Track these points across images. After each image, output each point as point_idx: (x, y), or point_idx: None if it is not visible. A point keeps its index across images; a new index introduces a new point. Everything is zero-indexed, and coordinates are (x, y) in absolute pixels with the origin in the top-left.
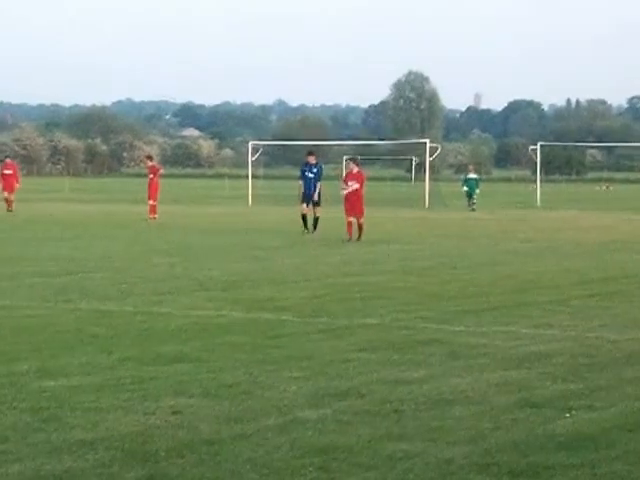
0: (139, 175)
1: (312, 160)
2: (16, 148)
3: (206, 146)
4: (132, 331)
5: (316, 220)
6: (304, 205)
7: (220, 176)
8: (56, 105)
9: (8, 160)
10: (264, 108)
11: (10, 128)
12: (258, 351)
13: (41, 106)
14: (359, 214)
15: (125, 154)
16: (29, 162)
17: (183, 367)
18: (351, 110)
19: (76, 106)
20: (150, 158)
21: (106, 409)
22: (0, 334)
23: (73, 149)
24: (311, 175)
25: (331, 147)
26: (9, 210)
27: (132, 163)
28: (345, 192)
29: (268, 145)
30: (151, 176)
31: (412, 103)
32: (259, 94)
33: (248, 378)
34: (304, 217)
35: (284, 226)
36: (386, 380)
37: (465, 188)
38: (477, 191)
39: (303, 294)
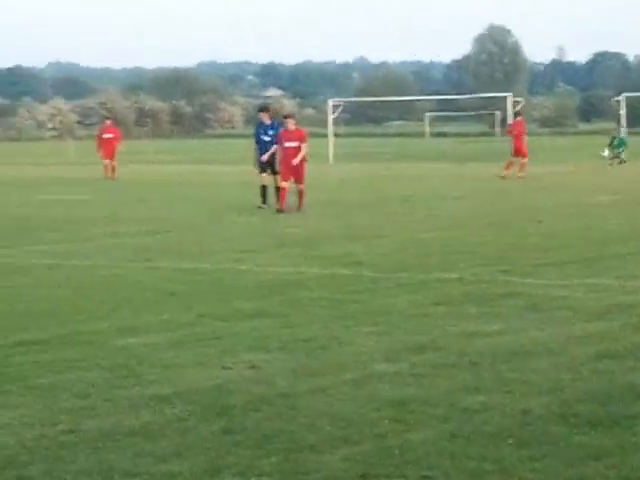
0: (224, 136)
1: (267, 119)
2: (102, 112)
3: (288, 105)
4: (211, 288)
5: (277, 189)
6: (263, 174)
7: None
8: (139, 68)
9: (108, 122)
10: (345, 66)
11: (95, 92)
12: (336, 306)
13: (124, 70)
14: (299, 179)
15: (210, 115)
16: (115, 125)
17: (261, 322)
18: (433, 66)
19: (159, 69)
20: None
21: (184, 365)
22: (82, 293)
23: (158, 111)
24: (267, 138)
25: (413, 103)
26: (109, 177)
27: (216, 124)
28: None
29: (349, 103)
30: None
31: (495, 57)
32: (340, 52)
33: (325, 333)
34: (264, 188)
35: (363, 184)
36: (464, 333)
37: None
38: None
39: (381, 250)
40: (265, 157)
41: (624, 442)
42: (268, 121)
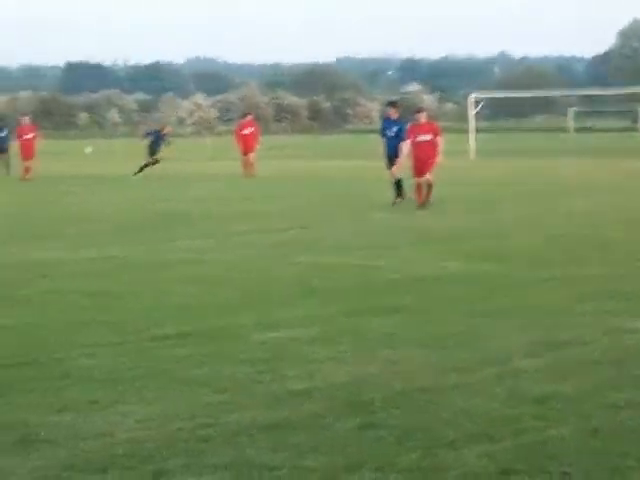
0: (362, 131)
1: (393, 114)
2: (242, 107)
3: (427, 100)
4: (351, 283)
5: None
6: (391, 170)
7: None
8: (278, 64)
9: (249, 118)
10: (487, 61)
11: (237, 86)
12: (477, 302)
13: (264, 65)
14: (427, 171)
15: (349, 111)
16: (255, 120)
17: (401, 318)
18: (576, 60)
19: (298, 64)
20: None
21: (323, 360)
22: (221, 288)
23: (297, 107)
24: (392, 133)
25: (555, 98)
26: (247, 173)
27: (355, 120)
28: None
29: (490, 98)
30: None
31: (638, 52)
32: (481, 47)
33: (466, 328)
34: (397, 183)
35: (504, 179)
36: (610, 329)
37: None
38: None
39: (524, 245)
40: (402, 160)
41: None
42: (395, 116)
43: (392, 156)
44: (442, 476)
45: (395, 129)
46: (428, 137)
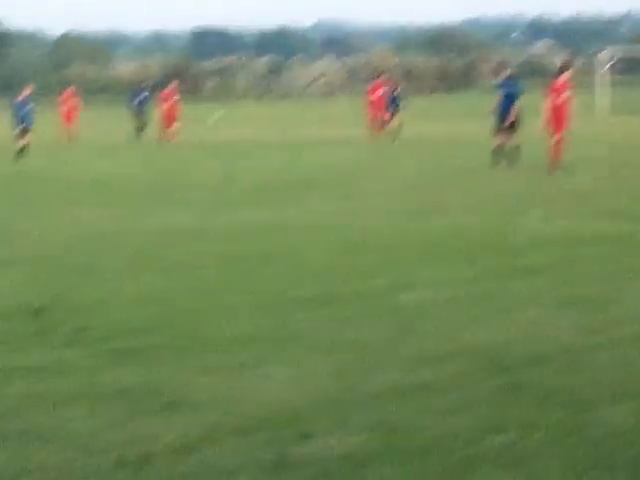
0: (490, 92)
1: (501, 75)
2: (369, 70)
3: (557, 59)
4: (489, 244)
5: (516, 148)
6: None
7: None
8: (406, 25)
9: (380, 79)
10: (613, 20)
11: (364, 49)
12: (617, 262)
13: (391, 27)
14: (561, 130)
15: (476, 71)
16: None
17: (539, 279)
18: None
19: (425, 26)
20: None
21: (463, 321)
22: (357, 250)
23: (424, 68)
24: (502, 94)
25: None
26: (379, 134)
27: (483, 81)
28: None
29: (620, 56)
30: None
31: None
32: (609, 5)
33: (605, 288)
34: (497, 149)
35: (636, 138)
36: None
37: None
38: None
39: None
40: (507, 122)
41: None
42: (504, 76)
43: (500, 117)
44: (586, 435)
45: (503, 89)
46: (565, 95)
